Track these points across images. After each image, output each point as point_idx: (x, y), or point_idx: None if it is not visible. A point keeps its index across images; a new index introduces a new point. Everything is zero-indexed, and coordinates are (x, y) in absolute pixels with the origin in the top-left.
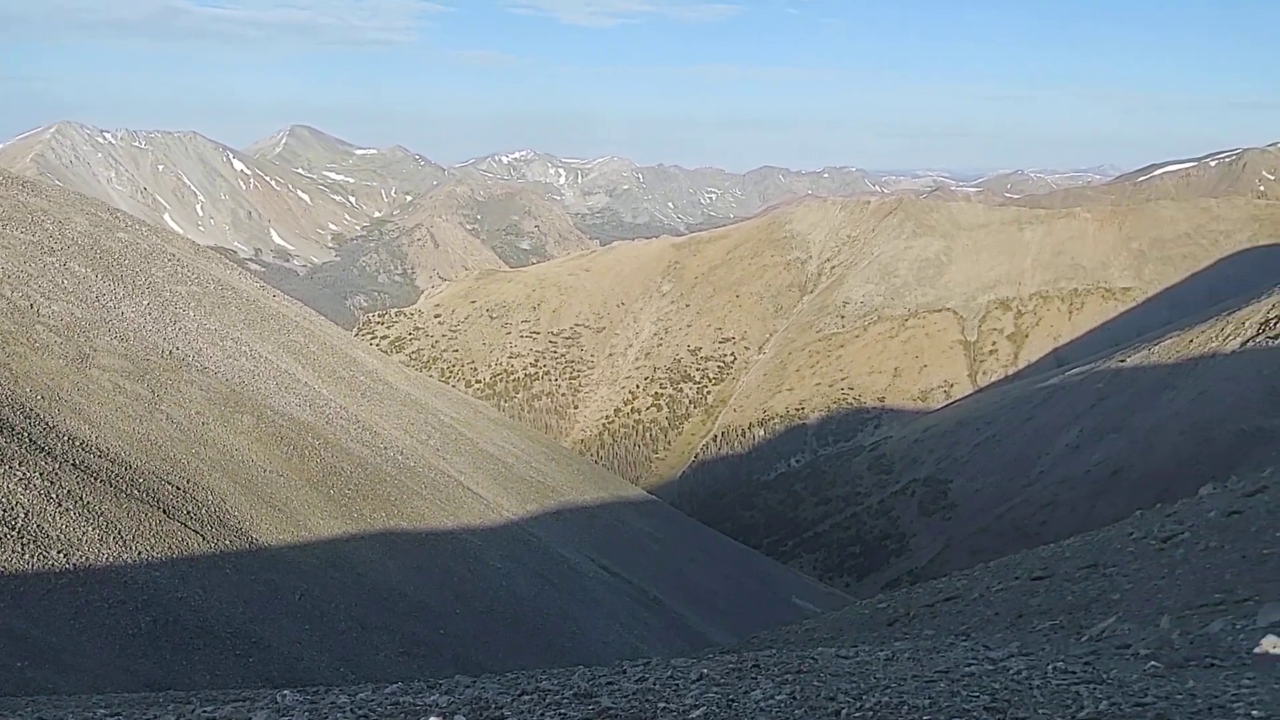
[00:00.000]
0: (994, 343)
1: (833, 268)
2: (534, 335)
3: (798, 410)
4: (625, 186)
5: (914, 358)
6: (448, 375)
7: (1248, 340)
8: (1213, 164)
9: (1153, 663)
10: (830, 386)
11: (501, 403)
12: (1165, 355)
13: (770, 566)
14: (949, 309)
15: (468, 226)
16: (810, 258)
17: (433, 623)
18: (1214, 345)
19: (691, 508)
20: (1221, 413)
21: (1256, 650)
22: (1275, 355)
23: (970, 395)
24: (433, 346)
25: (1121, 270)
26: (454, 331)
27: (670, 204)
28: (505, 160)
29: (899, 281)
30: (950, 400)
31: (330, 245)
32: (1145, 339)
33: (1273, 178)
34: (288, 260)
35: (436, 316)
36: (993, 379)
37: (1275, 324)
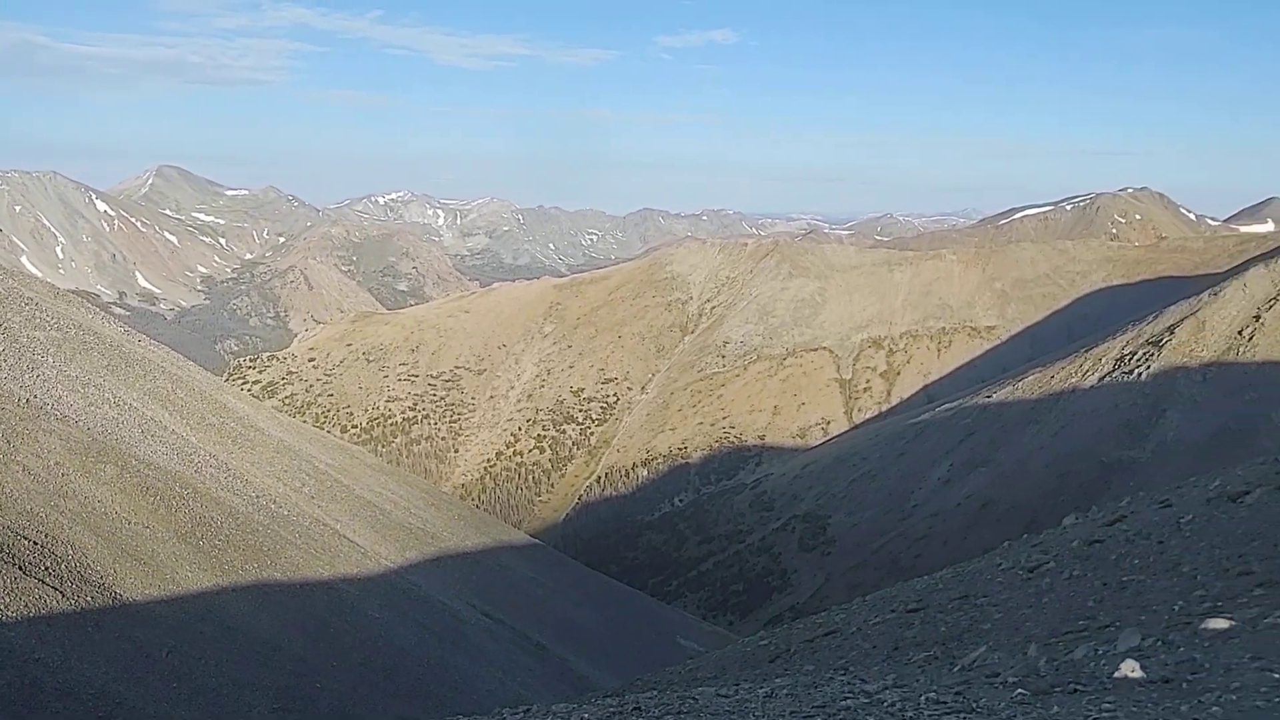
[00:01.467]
0: (868, 380)
1: (713, 308)
2: (412, 378)
3: (680, 449)
4: (505, 228)
5: (792, 396)
6: (323, 420)
7: (1104, 376)
8: (1068, 208)
9: (1020, 690)
10: (712, 425)
11: (379, 448)
12: (1029, 391)
13: (655, 607)
14: (825, 348)
15: (343, 268)
16: (690, 298)
17: (308, 676)
18: (1074, 381)
19: (575, 550)
20: (1082, 445)
21: (1116, 674)
22: (1130, 390)
23: (847, 432)
24: (307, 391)
25: (986, 309)
26: (329, 375)
27: (551, 245)
28: (382, 201)
29: (777, 321)
30: (828, 437)
31: (199, 288)
32: (1009, 375)
33: (1124, 221)
34: (154, 304)
35: (311, 360)
36: (867, 416)
37: (1129, 360)
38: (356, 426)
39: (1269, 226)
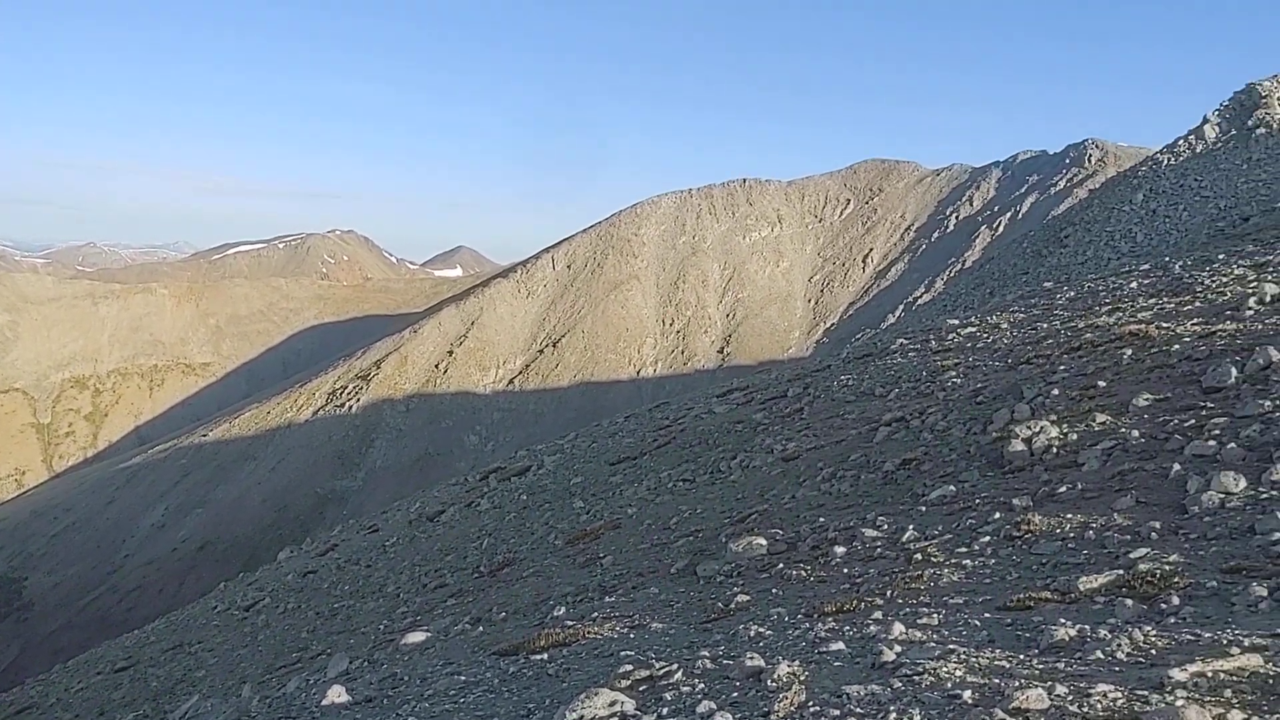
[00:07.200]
0: (70, 424)
1: None
2: None
3: None
4: None
5: None
6: None
7: (319, 409)
8: (281, 246)
9: None
10: None
11: None
12: (245, 428)
13: None
14: (18, 389)
15: None
16: None
17: None
18: (290, 415)
19: None
20: (298, 478)
21: (325, 702)
22: (343, 422)
23: (46, 482)
24: None
25: (200, 346)
26: None
27: None
28: None
29: None
30: (23, 490)
31: None
32: (226, 412)
33: (333, 261)
34: None
35: None
36: (70, 463)
37: (341, 394)
38: None
39: (458, 271)
